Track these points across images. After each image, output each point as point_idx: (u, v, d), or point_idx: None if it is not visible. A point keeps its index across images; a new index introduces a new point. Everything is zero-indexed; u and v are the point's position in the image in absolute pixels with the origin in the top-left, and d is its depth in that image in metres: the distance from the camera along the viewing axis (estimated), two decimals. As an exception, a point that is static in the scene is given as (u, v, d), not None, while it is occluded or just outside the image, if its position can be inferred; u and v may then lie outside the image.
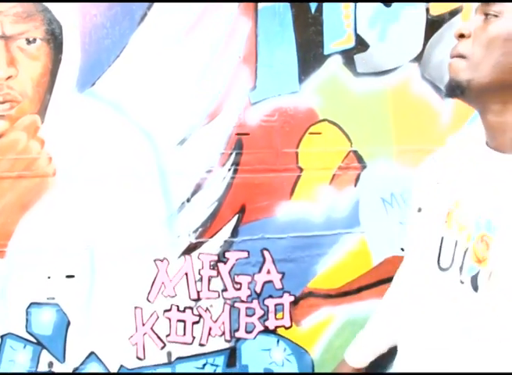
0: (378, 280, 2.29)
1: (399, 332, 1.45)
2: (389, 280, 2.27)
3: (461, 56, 1.21)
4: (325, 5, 2.13)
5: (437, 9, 2.21)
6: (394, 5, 2.18)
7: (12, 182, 2.02)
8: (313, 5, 2.13)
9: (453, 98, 1.26)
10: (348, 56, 2.19)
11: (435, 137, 2.27)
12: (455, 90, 1.22)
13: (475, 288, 1.17)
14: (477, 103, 1.24)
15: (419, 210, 1.41)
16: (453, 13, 2.22)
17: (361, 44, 2.19)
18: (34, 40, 1.99)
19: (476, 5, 1.24)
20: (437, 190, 1.35)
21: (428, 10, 2.20)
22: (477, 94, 1.21)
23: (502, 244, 1.13)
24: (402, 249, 2.27)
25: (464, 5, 2.21)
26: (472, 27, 1.21)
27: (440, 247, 1.27)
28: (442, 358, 1.24)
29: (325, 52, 2.17)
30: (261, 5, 2.09)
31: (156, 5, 2.03)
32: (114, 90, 2.05)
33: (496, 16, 1.18)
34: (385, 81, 2.23)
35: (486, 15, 1.20)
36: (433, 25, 2.21)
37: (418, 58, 2.23)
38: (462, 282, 1.19)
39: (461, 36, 1.22)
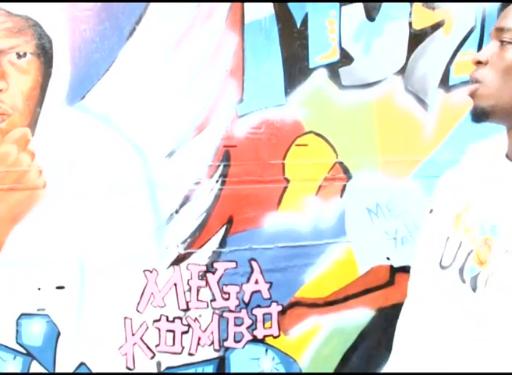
0: (365, 289, 2.31)
1: (398, 331, 1.47)
2: (375, 289, 2.32)
3: (480, 82, 1.25)
4: (310, 19, 2.16)
5: (419, 23, 2.24)
6: (378, 19, 2.21)
7: (3, 194, 2.03)
8: (298, 20, 2.16)
9: (480, 122, 1.28)
10: (333, 69, 2.21)
11: (419, 148, 2.31)
12: (481, 116, 1.26)
13: (474, 289, 1.20)
14: (503, 122, 1.27)
15: (430, 211, 1.44)
16: (435, 27, 2.25)
17: (346, 58, 2.22)
18: (25, 54, 2.01)
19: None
20: (449, 193, 1.39)
21: (410, 24, 2.23)
22: (502, 116, 1.25)
23: (503, 249, 1.17)
24: (388, 258, 2.30)
25: (446, 19, 2.25)
26: (489, 54, 1.24)
27: (445, 246, 1.30)
28: (441, 356, 1.27)
29: (311, 66, 2.20)
30: (247, 19, 2.13)
31: (144, 20, 2.07)
32: (103, 103, 2.07)
33: (511, 43, 1.22)
34: (370, 94, 2.25)
35: (502, 42, 1.23)
36: (416, 39, 2.24)
37: (402, 71, 2.26)
38: (464, 281, 1.22)
39: (479, 62, 1.26)
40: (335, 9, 2.19)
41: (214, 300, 2.21)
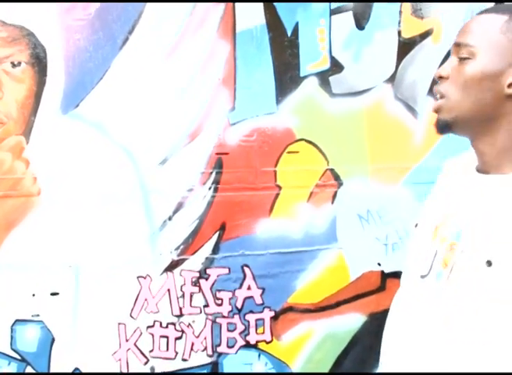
0: (356, 295, 2.33)
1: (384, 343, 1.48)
2: (366, 294, 2.34)
3: (443, 96, 1.29)
4: (301, 28, 2.20)
5: (409, 32, 2.28)
6: (367, 28, 2.25)
7: (-2, 201, 2.06)
8: (289, 29, 2.19)
9: (444, 134, 1.34)
10: (324, 78, 2.25)
11: (409, 155, 2.33)
12: (444, 128, 1.29)
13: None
14: (466, 134, 1.31)
15: (416, 226, 1.47)
16: (423, 36, 2.29)
17: (336, 66, 2.25)
18: (19, 63, 2.04)
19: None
20: (430, 208, 1.42)
21: (399, 33, 2.26)
22: (464, 128, 1.28)
23: (459, 249, 1.22)
24: (379, 264, 2.32)
25: (435, 27, 2.28)
26: (449, 68, 1.28)
27: (425, 258, 1.32)
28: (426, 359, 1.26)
29: (302, 74, 2.23)
30: (238, 28, 2.16)
31: (137, 29, 2.09)
32: (97, 111, 2.10)
33: (469, 58, 1.25)
34: (360, 101, 2.28)
35: (459, 58, 1.26)
36: (405, 47, 2.28)
37: (391, 79, 2.30)
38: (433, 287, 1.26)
39: (441, 77, 1.29)
40: (325, 18, 2.22)
41: (207, 306, 2.23)
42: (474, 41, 1.25)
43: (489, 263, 1.15)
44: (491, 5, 2.22)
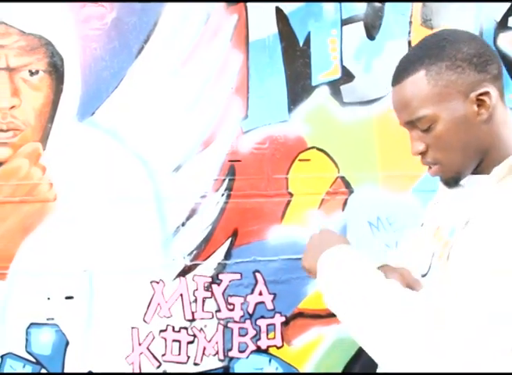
0: (366, 301, 2.33)
1: None
2: None
3: (435, 163, 1.33)
4: (313, 38, 2.22)
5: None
6: (378, 38, 2.26)
7: (15, 207, 2.09)
8: (301, 39, 2.21)
9: (456, 187, 1.37)
10: (335, 87, 2.26)
11: (419, 163, 2.31)
12: (456, 183, 1.34)
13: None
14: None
15: (422, 225, 1.53)
16: (433, 46, 2.30)
17: (347, 76, 2.27)
18: (37, 71, 2.07)
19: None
20: (435, 210, 1.48)
21: (409, 43, 2.27)
22: (470, 169, 1.33)
23: (456, 242, 1.26)
24: (388, 271, 2.33)
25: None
26: (421, 143, 1.31)
27: (425, 256, 1.38)
28: None
29: (313, 83, 2.25)
30: (251, 38, 2.18)
31: (152, 39, 2.13)
32: (112, 119, 2.13)
33: (426, 130, 1.29)
34: (370, 110, 2.29)
35: (423, 130, 1.30)
36: (415, 57, 2.28)
37: (402, 89, 2.30)
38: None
39: (421, 153, 1.33)
40: (336, 28, 2.24)
41: (219, 311, 2.25)
42: (423, 109, 1.28)
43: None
44: (495, 7, 2.27)
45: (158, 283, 2.19)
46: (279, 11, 2.20)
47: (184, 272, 2.21)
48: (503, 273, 1.12)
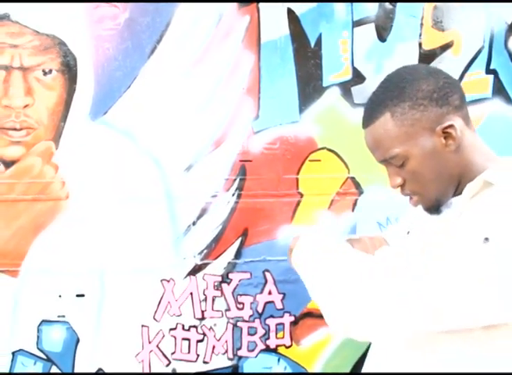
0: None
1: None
2: None
3: (414, 194, 1.43)
4: (324, 39, 2.21)
5: (429, 44, 2.28)
6: (389, 40, 2.25)
7: (27, 205, 2.09)
8: (312, 40, 2.21)
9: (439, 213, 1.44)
10: (345, 88, 2.25)
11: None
12: (437, 209, 1.43)
13: None
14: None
15: (408, 233, 1.59)
16: (444, 48, 2.29)
17: (358, 77, 2.26)
18: (50, 71, 2.08)
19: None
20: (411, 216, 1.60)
21: (420, 45, 2.27)
22: (450, 194, 1.42)
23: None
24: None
25: (455, 39, 2.30)
26: (398, 176, 1.41)
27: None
28: None
29: (324, 84, 2.24)
30: (263, 39, 2.18)
31: (165, 39, 2.13)
32: (125, 118, 2.14)
33: (401, 166, 1.40)
34: None
35: (398, 166, 1.40)
36: (425, 59, 2.27)
37: (412, 90, 2.29)
38: None
39: (400, 186, 1.43)
40: (347, 30, 2.24)
41: (228, 310, 2.25)
42: (394, 149, 1.38)
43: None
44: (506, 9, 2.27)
45: (168, 281, 2.20)
46: (290, 12, 2.20)
47: (194, 271, 2.22)
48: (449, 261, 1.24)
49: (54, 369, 2.17)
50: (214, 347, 2.25)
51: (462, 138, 1.36)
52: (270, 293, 2.27)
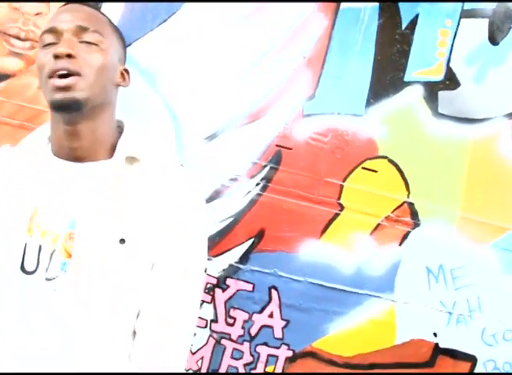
0: (397, 363, 1.88)
1: None
2: (409, 365, 1.91)
3: (78, 74, 1.28)
4: (420, 23, 1.83)
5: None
6: (502, 44, 1.86)
7: (10, 131, 1.74)
8: (405, 20, 1.82)
9: (63, 112, 1.29)
10: (432, 90, 1.88)
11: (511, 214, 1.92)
12: (70, 106, 1.27)
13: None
14: (79, 116, 1.31)
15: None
16: None
17: (451, 80, 1.88)
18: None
19: None
20: (14, 197, 1.36)
21: (540, 59, 1.85)
22: (87, 109, 1.30)
23: (81, 236, 1.28)
24: (435, 334, 1.86)
25: None
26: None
27: (24, 253, 1.30)
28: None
29: (406, 78, 1.88)
30: (343, 4, 1.80)
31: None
32: (150, 57, 1.77)
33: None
34: (469, 131, 1.90)
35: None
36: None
37: (517, 115, 1.90)
38: (50, 279, 1.27)
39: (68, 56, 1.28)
40: (452, 19, 1.84)
41: (215, 321, 1.85)
42: None
43: (123, 241, 1.26)
44: None
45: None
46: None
47: (187, 263, 1.82)
48: None
49: None
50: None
51: None
52: (271, 316, 1.87)
